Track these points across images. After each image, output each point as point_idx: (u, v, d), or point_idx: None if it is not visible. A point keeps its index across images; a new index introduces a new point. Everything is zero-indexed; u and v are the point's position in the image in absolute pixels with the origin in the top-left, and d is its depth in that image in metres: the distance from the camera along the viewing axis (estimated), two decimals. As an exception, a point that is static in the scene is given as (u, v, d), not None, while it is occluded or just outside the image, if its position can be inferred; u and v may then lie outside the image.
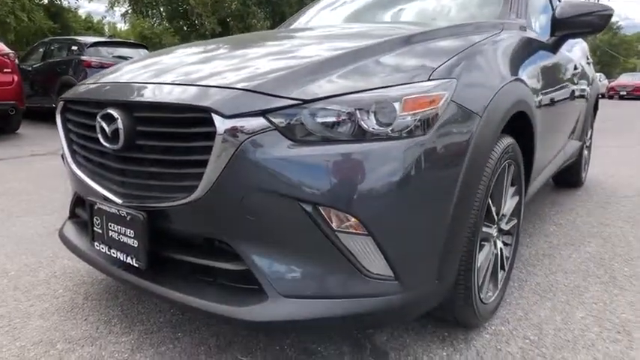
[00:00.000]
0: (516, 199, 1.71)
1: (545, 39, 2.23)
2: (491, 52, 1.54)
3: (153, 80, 1.32)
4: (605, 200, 3.26)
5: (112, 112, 1.23)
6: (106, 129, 1.25)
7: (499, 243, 1.61)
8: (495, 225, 1.56)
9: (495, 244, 1.58)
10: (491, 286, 1.59)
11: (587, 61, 3.43)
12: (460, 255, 1.28)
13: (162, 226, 1.24)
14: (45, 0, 23.68)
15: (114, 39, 11.12)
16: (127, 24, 29.75)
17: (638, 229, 2.61)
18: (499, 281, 1.62)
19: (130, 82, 1.38)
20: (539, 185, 2.27)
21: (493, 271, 1.58)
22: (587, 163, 3.79)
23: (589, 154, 3.83)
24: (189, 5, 20.83)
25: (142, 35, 28.31)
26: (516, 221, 1.73)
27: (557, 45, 2.30)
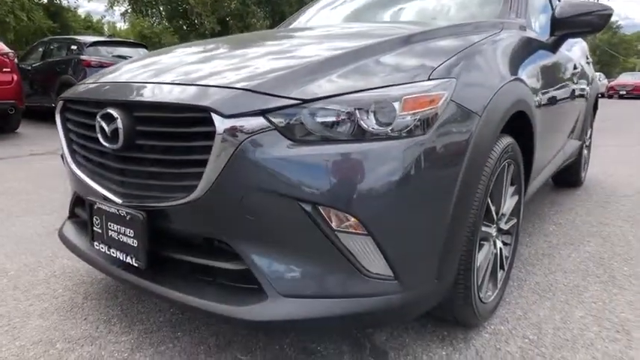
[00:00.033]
0: (516, 198, 1.71)
1: (545, 38, 2.23)
2: (491, 51, 1.54)
3: (152, 80, 1.32)
4: (605, 199, 3.26)
5: (111, 112, 1.23)
6: (106, 128, 1.25)
7: (498, 242, 1.61)
8: (495, 224, 1.56)
9: (495, 243, 1.58)
10: (491, 286, 1.59)
11: (587, 61, 3.43)
12: (459, 254, 1.29)
13: (161, 226, 1.24)
14: (44, -1, 23.74)
15: (113, 38, 11.11)
16: (127, 23, 29.82)
17: (637, 228, 2.62)
18: (498, 281, 1.63)
19: (130, 81, 1.38)
20: (538, 185, 2.27)
21: (492, 271, 1.58)
22: (587, 162, 3.79)
23: (588, 153, 3.83)
24: (188, 4, 20.86)
25: (142, 34, 28.24)
26: (516, 221, 1.74)
27: (557, 44, 2.30)
